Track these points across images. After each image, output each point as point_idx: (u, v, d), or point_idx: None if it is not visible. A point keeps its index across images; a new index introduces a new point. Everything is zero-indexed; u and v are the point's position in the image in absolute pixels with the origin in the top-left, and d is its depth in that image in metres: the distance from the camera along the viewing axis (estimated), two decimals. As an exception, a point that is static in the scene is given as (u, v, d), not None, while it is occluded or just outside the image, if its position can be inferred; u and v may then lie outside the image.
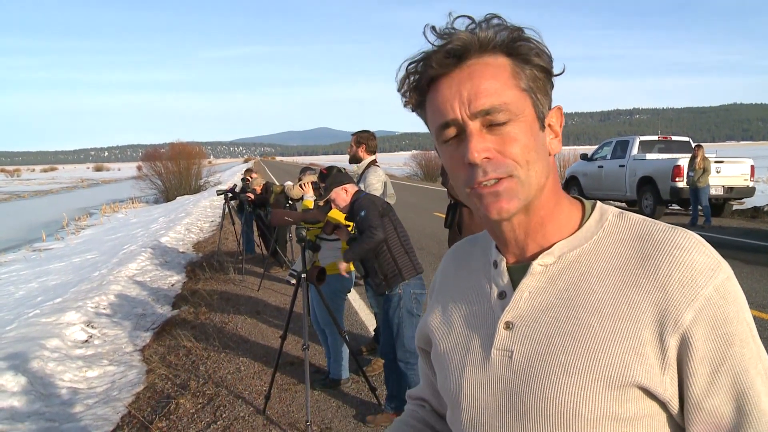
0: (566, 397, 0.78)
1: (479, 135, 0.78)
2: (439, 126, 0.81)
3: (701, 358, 0.75)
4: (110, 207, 26.54)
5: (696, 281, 0.76)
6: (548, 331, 0.82)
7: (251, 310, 6.83)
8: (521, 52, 0.80)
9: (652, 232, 0.82)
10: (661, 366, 0.75)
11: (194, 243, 12.52)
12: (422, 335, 1.04)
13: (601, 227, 0.85)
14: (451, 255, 1.06)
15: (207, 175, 36.03)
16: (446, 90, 0.79)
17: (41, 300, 7.62)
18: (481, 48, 0.79)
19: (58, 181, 73.04)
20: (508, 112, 0.78)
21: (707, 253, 0.78)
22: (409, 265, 3.64)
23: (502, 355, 0.85)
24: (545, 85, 0.82)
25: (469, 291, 0.95)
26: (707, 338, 0.75)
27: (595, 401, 0.77)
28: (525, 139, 0.79)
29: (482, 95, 0.77)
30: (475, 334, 0.90)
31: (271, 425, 3.89)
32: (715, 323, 0.75)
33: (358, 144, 5.01)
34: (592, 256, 0.83)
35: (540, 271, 0.85)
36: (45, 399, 4.41)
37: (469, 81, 0.78)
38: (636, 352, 0.76)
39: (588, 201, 0.90)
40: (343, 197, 3.82)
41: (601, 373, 0.77)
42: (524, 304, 0.85)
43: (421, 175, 34.13)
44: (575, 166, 16.55)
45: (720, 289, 0.76)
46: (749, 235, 10.47)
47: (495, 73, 0.78)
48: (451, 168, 0.83)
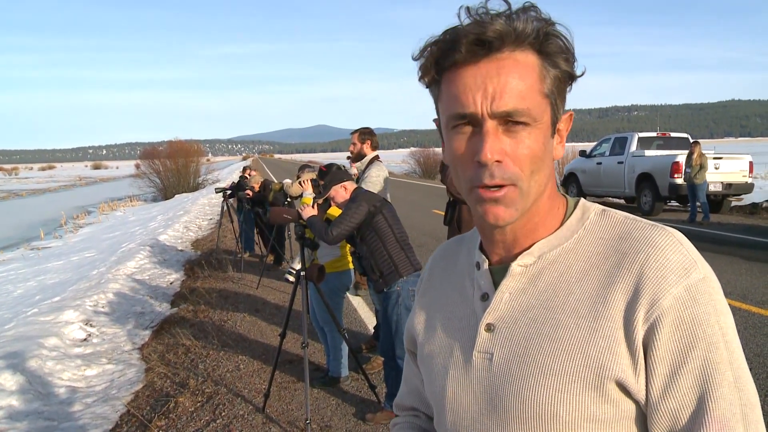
0: (544, 398, 0.77)
1: (495, 135, 0.75)
2: (454, 115, 0.78)
3: (661, 358, 0.73)
4: (108, 205, 26.50)
5: (667, 279, 0.74)
6: (527, 332, 0.81)
7: (250, 308, 6.83)
8: (550, 52, 0.77)
9: (632, 230, 0.81)
10: (633, 365, 0.74)
11: (193, 241, 12.51)
12: (409, 337, 1.03)
13: (582, 226, 0.84)
14: (438, 255, 1.04)
15: (205, 173, 36.00)
16: (470, 79, 0.75)
17: (40, 298, 7.61)
18: (515, 41, 0.75)
19: (56, 180, 72.92)
20: (528, 117, 0.75)
21: (683, 252, 0.76)
22: (405, 262, 3.63)
23: (483, 358, 0.84)
24: (565, 90, 0.81)
25: (454, 292, 0.94)
26: (670, 338, 0.73)
27: (572, 402, 0.76)
28: (537, 148, 0.77)
29: (507, 95, 0.74)
30: (458, 337, 0.89)
31: (270, 423, 3.89)
32: (681, 323, 0.73)
33: (362, 140, 4.98)
34: (572, 255, 0.82)
35: (520, 272, 0.84)
36: (44, 398, 4.40)
37: (496, 76, 0.74)
38: (612, 351, 0.75)
39: (572, 198, 0.89)
40: (342, 195, 3.81)
41: (578, 374, 0.76)
42: (504, 306, 0.84)
43: (420, 173, 34.14)
44: (574, 163, 16.56)
45: (691, 289, 0.74)
46: (748, 232, 10.48)
47: (524, 73, 0.75)
48: (457, 159, 0.80)
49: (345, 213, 3.67)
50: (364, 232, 3.68)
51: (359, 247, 3.76)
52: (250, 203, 9.62)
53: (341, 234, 3.65)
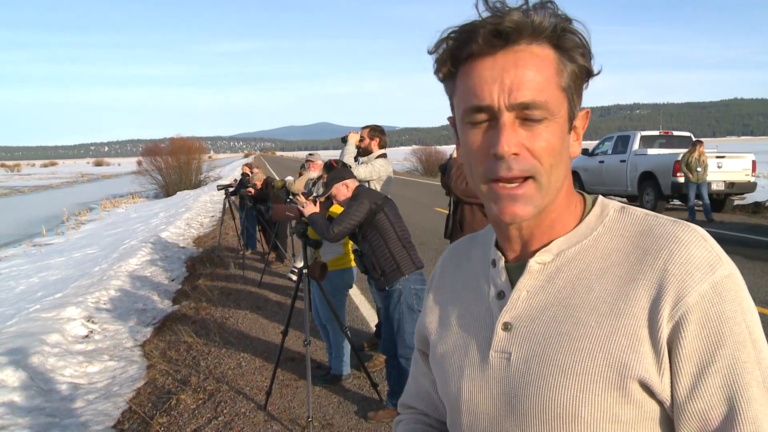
0: (564, 399, 0.75)
1: (512, 128, 0.74)
2: (471, 107, 0.76)
3: (688, 356, 0.71)
4: (110, 202, 26.55)
5: (692, 276, 0.72)
6: (546, 331, 0.79)
7: (252, 305, 6.83)
8: (567, 47, 0.76)
9: (653, 226, 0.79)
10: (657, 364, 0.73)
11: (195, 238, 12.51)
12: (420, 337, 1.01)
13: (601, 222, 0.83)
14: (450, 253, 1.02)
15: (207, 170, 36.01)
16: (487, 72, 0.74)
17: (42, 295, 7.62)
18: (533, 34, 0.74)
19: (58, 176, 73.03)
20: (546, 111, 0.74)
21: (707, 248, 0.75)
22: (407, 261, 3.62)
23: (501, 357, 0.82)
24: (581, 86, 0.79)
25: (468, 291, 0.93)
26: (696, 336, 0.71)
27: (594, 403, 0.74)
28: (554, 141, 0.76)
29: (525, 87, 0.73)
30: (474, 336, 0.88)
31: (272, 421, 3.88)
32: (708, 321, 0.71)
33: (372, 137, 4.96)
34: (591, 252, 0.81)
35: (537, 269, 0.82)
36: (45, 394, 4.41)
37: (513, 68, 0.73)
38: (634, 349, 0.73)
39: (590, 195, 0.88)
40: (344, 192, 3.80)
41: (600, 373, 0.74)
42: (522, 304, 0.82)
43: (421, 170, 34.11)
44: (576, 162, 16.51)
45: (717, 286, 0.72)
46: (750, 231, 10.45)
47: (541, 65, 0.74)
48: (472, 153, 0.78)
49: (347, 211, 3.67)
50: (365, 230, 3.67)
51: (361, 244, 3.75)
52: (252, 200, 9.62)
53: (343, 232, 3.64)
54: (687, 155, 11.71)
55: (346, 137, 4.99)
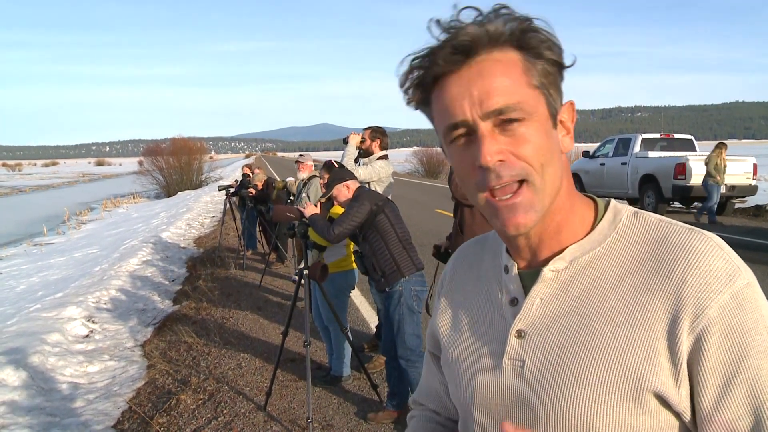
0: (580, 409, 0.75)
1: (491, 137, 0.74)
2: (447, 126, 0.77)
3: (713, 369, 0.71)
4: (111, 202, 26.57)
5: (711, 287, 0.72)
6: (561, 340, 0.79)
7: (252, 305, 6.83)
8: (532, 46, 0.75)
9: (668, 234, 0.78)
10: (674, 376, 0.72)
11: (195, 238, 12.52)
12: (432, 340, 1.01)
13: (614, 229, 0.82)
14: (460, 256, 1.02)
15: (208, 171, 36.04)
16: (455, 88, 0.75)
17: (42, 294, 7.62)
18: (490, 42, 0.74)
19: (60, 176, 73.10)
20: (522, 111, 0.74)
21: (725, 257, 0.74)
22: (408, 262, 3.62)
23: (514, 365, 0.82)
24: (557, 80, 0.78)
25: (480, 296, 0.92)
26: (720, 348, 0.71)
27: (609, 414, 0.74)
28: (539, 140, 0.75)
29: (494, 94, 0.73)
30: (486, 342, 0.87)
31: (272, 422, 3.88)
32: (730, 332, 0.71)
33: (373, 138, 4.96)
34: (605, 260, 0.80)
35: (551, 277, 0.82)
36: (46, 394, 4.41)
37: (479, 79, 0.74)
38: (651, 361, 0.73)
39: (601, 200, 0.86)
40: (345, 193, 3.81)
41: (615, 384, 0.74)
42: (536, 312, 0.82)
43: (423, 172, 34.11)
44: (577, 164, 16.52)
45: (737, 296, 0.72)
46: (751, 234, 10.44)
47: (506, 70, 0.74)
48: (461, 170, 0.79)
49: (347, 212, 3.67)
50: (366, 231, 3.67)
51: (361, 246, 3.75)
52: (253, 201, 9.63)
53: (343, 233, 3.64)
54: (714, 158, 11.59)
55: (348, 138, 4.99)
